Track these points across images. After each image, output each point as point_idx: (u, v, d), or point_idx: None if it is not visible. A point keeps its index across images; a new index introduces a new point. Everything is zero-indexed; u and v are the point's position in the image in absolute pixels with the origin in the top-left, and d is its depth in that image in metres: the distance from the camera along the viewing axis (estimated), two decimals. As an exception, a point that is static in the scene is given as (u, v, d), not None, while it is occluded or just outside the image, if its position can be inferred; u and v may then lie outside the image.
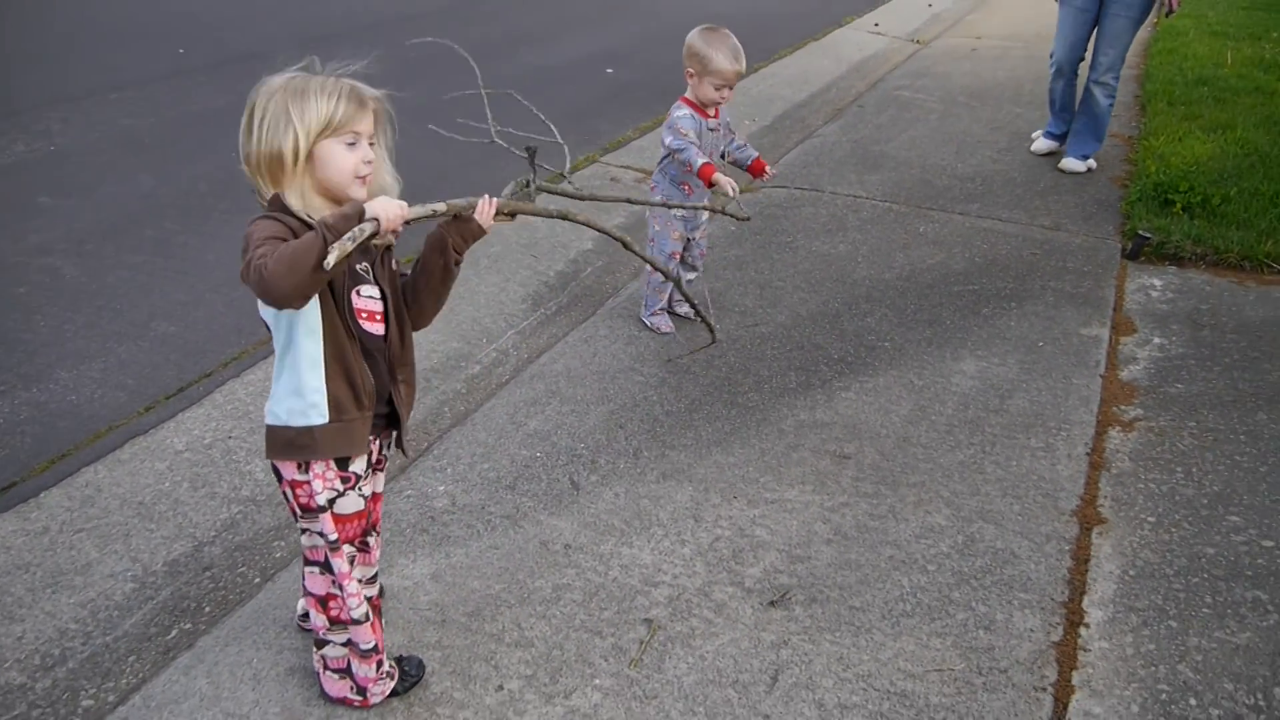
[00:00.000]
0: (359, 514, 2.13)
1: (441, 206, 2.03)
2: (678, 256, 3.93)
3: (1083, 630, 2.59)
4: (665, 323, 4.05)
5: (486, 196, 2.10)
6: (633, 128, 6.55)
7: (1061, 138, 6.16)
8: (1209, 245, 4.77)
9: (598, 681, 2.42)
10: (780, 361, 3.86)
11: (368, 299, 2.06)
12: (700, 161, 3.59)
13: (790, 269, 4.63)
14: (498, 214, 2.14)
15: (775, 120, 6.93)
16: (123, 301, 4.16)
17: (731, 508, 3.04)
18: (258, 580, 2.77)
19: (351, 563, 2.15)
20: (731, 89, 3.69)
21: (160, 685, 2.41)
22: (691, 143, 3.65)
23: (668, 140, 3.71)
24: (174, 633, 2.60)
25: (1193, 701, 2.38)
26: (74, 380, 3.63)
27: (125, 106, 6.49)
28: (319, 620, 2.25)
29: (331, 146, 1.96)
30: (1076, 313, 4.23)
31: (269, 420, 2.06)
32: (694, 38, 3.69)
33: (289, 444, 2.04)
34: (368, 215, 1.85)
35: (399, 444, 2.27)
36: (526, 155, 2.43)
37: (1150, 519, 3.01)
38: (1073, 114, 6.06)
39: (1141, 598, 2.70)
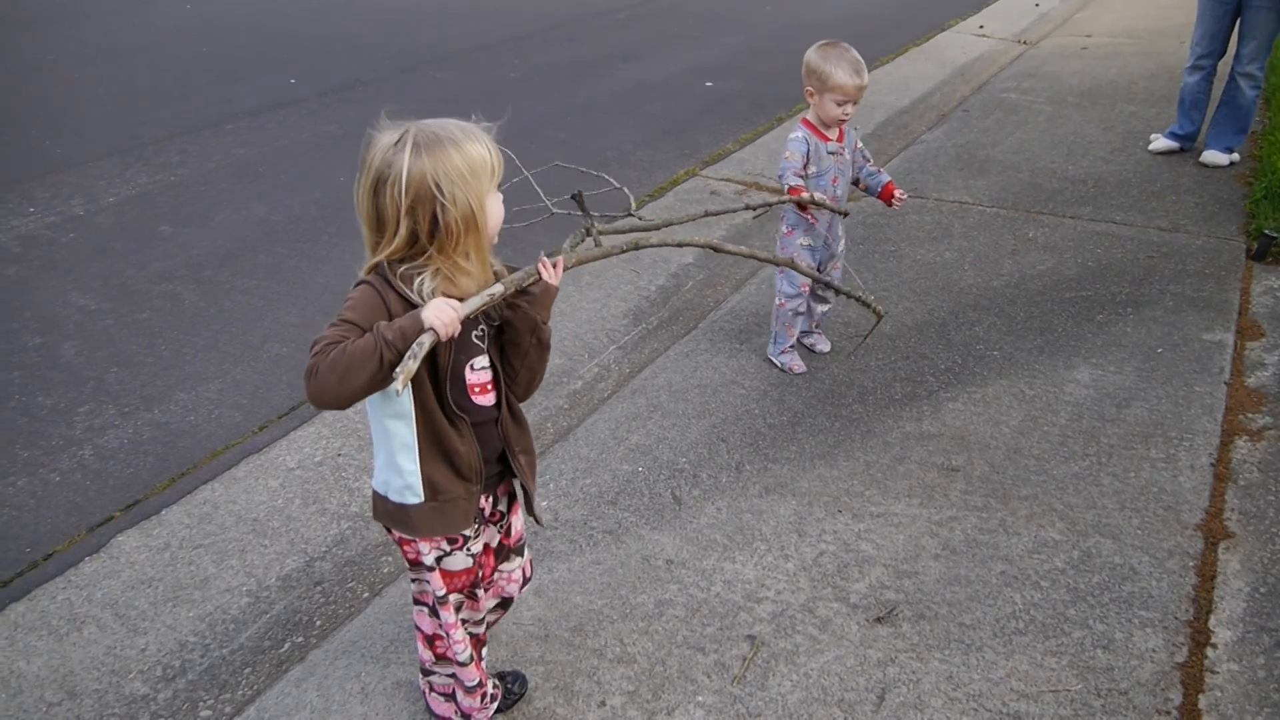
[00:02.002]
0: (467, 570, 2.07)
1: (499, 289, 1.83)
2: (806, 289, 3.76)
3: (1209, 651, 2.47)
4: (798, 362, 3.84)
5: (544, 260, 1.90)
6: (733, 140, 6.53)
7: (1185, 138, 5.92)
8: (1342, 243, 4.52)
9: (700, 699, 2.40)
10: (885, 372, 3.79)
11: (480, 371, 1.94)
12: (789, 182, 3.44)
13: (894, 278, 4.55)
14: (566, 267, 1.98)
15: (878, 128, 6.83)
16: (238, 325, 4.31)
17: (836, 522, 2.99)
18: (366, 595, 2.83)
19: (459, 609, 2.12)
20: (855, 104, 3.50)
21: (273, 697, 2.47)
22: (794, 166, 3.49)
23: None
24: (286, 646, 2.67)
25: (1333, 727, 2.24)
26: (193, 401, 3.77)
27: (240, 136, 6.74)
28: (425, 654, 2.25)
29: (492, 199, 1.80)
30: (1198, 317, 4.05)
31: (373, 481, 2.02)
32: (811, 55, 3.51)
33: (388, 514, 2.00)
34: (425, 325, 1.70)
35: (530, 510, 2.16)
36: (576, 201, 2.31)
37: (1282, 533, 2.85)
38: (1202, 113, 5.83)
39: (1274, 617, 2.56)
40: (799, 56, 3.61)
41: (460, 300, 1.77)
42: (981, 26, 9.78)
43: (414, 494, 1.92)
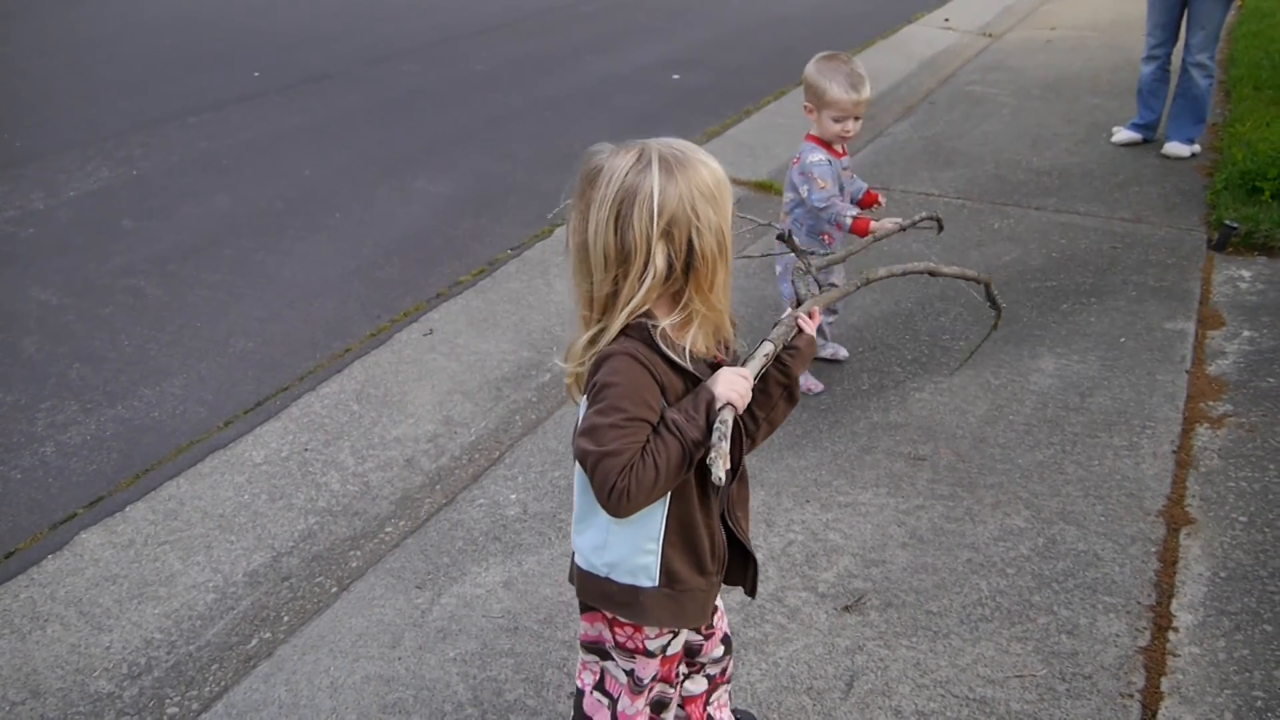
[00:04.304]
0: (677, 654, 1.87)
1: (770, 348, 1.68)
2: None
3: (1171, 635, 2.50)
4: (813, 381, 3.66)
5: (799, 313, 1.77)
6: (700, 133, 6.53)
7: (1146, 127, 5.99)
8: (1300, 234, 4.59)
9: (670, 689, 2.40)
10: (852, 363, 3.81)
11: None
12: (850, 217, 3.24)
13: (862, 269, 4.56)
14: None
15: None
16: (202, 319, 4.27)
17: (804, 512, 3.00)
18: (334, 590, 2.81)
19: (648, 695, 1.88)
20: (857, 120, 3.31)
21: (241, 693, 2.46)
22: (834, 195, 3.28)
23: (804, 191, 3.32)
24: (254, 642, 2.65)
25: (1291, 708, 2.28)
26: (157, 397, 3.73)
27: (203, 129, 6.66)
28: None
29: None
30: (1160, 307, 4.10)
31: (580, 562, 1.76)
32: (810, 68, 3.28)
33: (607, 598, 1.73)
34: (718, 402, 1.53)
35: (751, 587, 1.88)
36: (785, 242, 2.13)
37: (1242, 519, 2.90)
38: (1161, 101, 5.91)
39: (1234, 601, 2.60)
40: (767, 49, 3.62)
41: (730, 362, 1.64)
42: (947, 20, 9.84)
43: (648, 577, 1.68)
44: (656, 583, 1.68)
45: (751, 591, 1.86)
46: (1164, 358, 3.73)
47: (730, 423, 1.51)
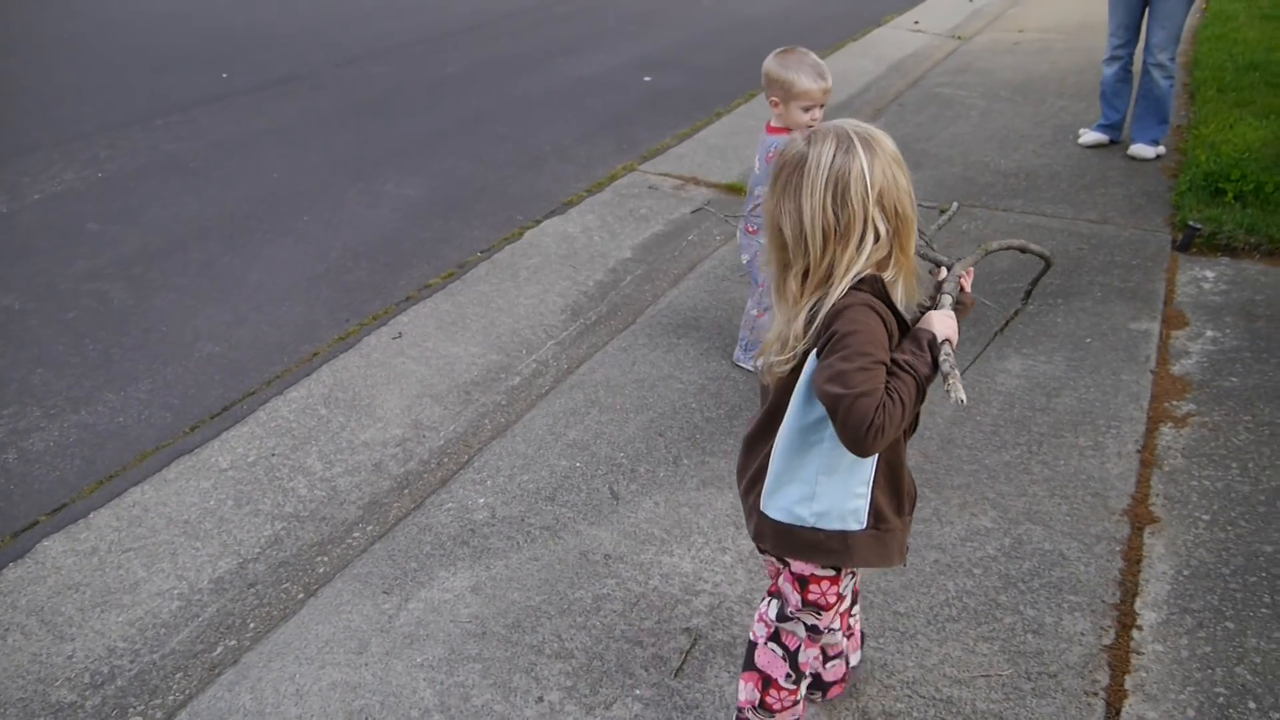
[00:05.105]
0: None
1: (949, 300, 1.87)
2: None
3: (1135, 633, 2.52)
4: None
5: (959, 271, 1.95)
6: (671, 134, 6.54)
7: (1111, 128, 6.04)
8: (1263, 234, 4.63)
9: (638, 692, 2.40)
10: (821, 365, 3.82)
11: None
12: None
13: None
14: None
15: (814, 123, 6.87)
16: (169, 323, 4.23)
17: (773, 514, 3.01)
18: (301, 595, 2.79)
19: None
20: (822, 108, 3.42)
21: (205, 702, 2.44)
22: None
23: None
24: (219, 649, 2.63)
25: (1252, 705, 2.31)
26: (121, 402, 3.69)
27: (170, 132, 6.61)
28: (746, 693, 2.11)
29: None
30: (1125, 307, 4.14)
31: (782, 517, 1.86)
32: (771, 64, 3.40)
33: (814, 547, 1.85)
34: (938, 339, 1.74)
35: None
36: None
37: (1205, 517, 2.93)
38: (1125, 101, 5.96)
39: (1196, 598, 2.62)
40: (737, 51, 3.63)
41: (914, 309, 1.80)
42: (917, 22, 9.90)
43: (857, 521, 1.82)
44: (864, 525, 1.82)
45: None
46: (1129, 358, 3.77)
47: (953, 355, 1.71)
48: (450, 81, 7.91)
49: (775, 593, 2.08)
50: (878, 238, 1.67)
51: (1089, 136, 6.13)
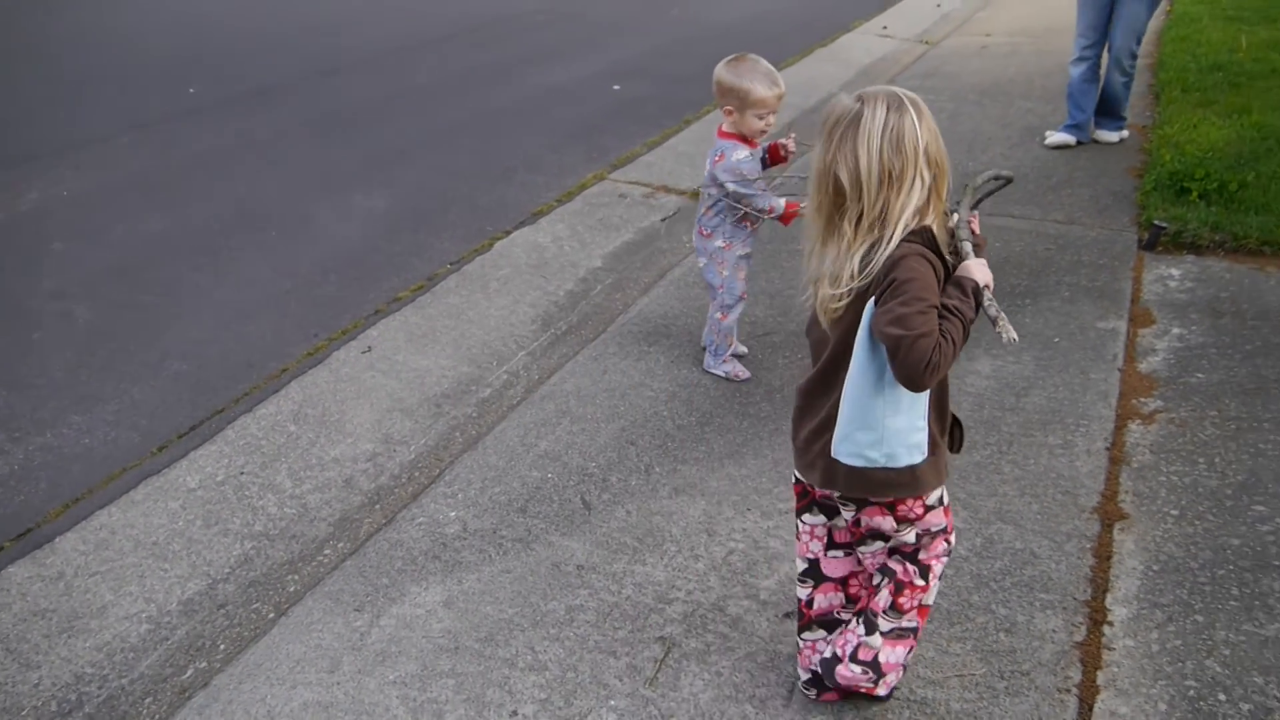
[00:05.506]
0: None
1: (970, 248, 2.04)
2: (746, 296, 3.75)
3: (1106, 629, 2.53)
4: (741, 369, 3.80)
5: (967, 219, 2.12)
6: (641, 143, 6.54)
7: (1077, 128, 6.10)
8: (1227, 232, 4.68)
9: (613, 702, 2.39)
10: (792, 370, 3.82)
11: None
12: (782, 204, 3.45)
13: (800, 277, 4.58)
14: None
15: (783, 129, 6.90)
16: (136, 342, 4.19)
17: (745, 520, 3.01)
18: (272, 615, 2.77)
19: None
20: (775, 114, 3.47)
21: (174, 725, 2.41)
22: (760, 189, 3.49)
23: (731, 186, 3.47)
24: (189, 672, 2.60)
25: (1222, 697, 2.32)
26: (87, 423, 3.65)
27: (136, 149, 6.56)
28: (882, 599, 2.20)
29: None
30: (1093, 307, 4.17)
31: (853, 461, 2.02)
32: (723, 73, 3.42)
33: (887, 484, 2.02)
34: (980, 285, 1.94)
35: (956, 446, 2.21)
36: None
37: (1173, 512, 2.95)
38: (1091, 101, 6.04)
39: (1166, 593, 2.64)
40: (706, 59, 3.61)
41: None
42: (885, 27, 9.96)
43: (920, 452, 2.00)
44: (925, 454, 2.01)
45: (957, 448, 2.17)
46: (1097, 356, 3.79)
47: (988, 300, 1.92)
48: (419, 93, 7.89)
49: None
50: (923, 184, 1.88)
51: (1055, 138, 6.18)
